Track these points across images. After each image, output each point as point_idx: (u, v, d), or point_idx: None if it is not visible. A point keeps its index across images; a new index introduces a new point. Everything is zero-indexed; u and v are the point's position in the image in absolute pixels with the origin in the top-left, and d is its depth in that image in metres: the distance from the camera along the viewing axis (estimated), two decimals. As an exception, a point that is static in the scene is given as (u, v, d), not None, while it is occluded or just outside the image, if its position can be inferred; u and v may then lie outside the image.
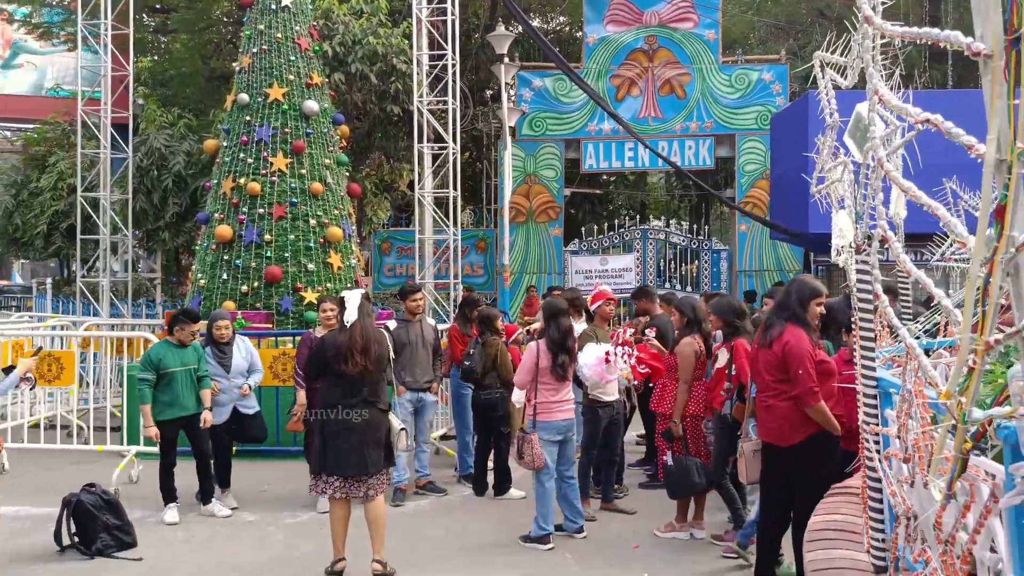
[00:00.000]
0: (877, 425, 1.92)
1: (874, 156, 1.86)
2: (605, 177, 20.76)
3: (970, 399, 1.17)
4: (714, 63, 15.80)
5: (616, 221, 17.10)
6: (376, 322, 5.13)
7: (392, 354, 5.10)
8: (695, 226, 16.81)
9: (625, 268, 16.04)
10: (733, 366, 5.04)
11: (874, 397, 1.94)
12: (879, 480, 1.95)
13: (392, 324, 6.48)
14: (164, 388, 5.86)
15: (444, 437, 8.34)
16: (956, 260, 3.10)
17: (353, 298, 4.82)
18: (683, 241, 16.31)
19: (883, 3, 1.72)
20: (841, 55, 2.00)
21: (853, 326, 2.58)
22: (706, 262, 16.24)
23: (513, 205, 15.12)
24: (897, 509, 1.70)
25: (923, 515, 1.50)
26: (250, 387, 6.27)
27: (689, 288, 15.46)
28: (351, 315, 4.72)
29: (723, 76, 15.80)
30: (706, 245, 16.27)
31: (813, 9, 19.43)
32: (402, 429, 4.86)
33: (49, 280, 14.86)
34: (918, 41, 1.37)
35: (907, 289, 4.05)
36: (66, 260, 16.82)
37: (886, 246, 2.33)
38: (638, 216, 18.49)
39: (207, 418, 5.99)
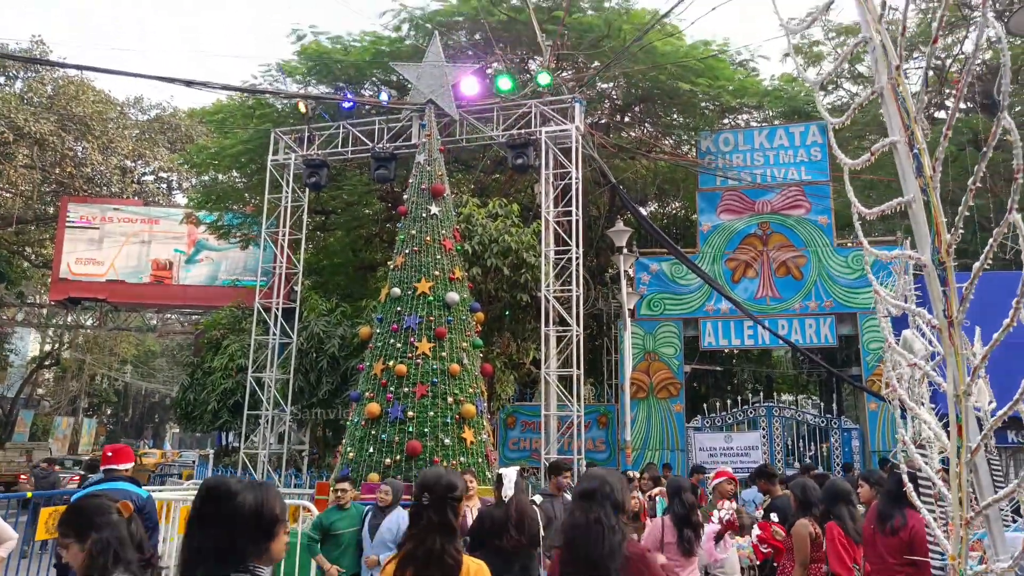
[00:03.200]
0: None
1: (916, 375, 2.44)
2: (727, 352, 21.02)
3: (964, 557, 1.66)
4: (829, 245, 16.32)
5: (740, 396, 17.17)
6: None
7: (542, 531, 5.32)
8: (824, 403, 16.65)
9: (751, 446, 15.90)
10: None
11: (942, 568, 2.38)
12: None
13: (539, 499, 6.95)
14: (331, 546, 6.63)
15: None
16: None
17: (510, 474, 5.22)
18: (811, 419, 16.08)
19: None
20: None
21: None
22: (837, 441, 15.85)
23: (634, 381, 15.65)
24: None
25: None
26: (378, 561, 6.40)
27: (820, 468, 15.06)
28: (508, 490, 5.11)
29: (840, 257, 16.24)
30: (835, 423, 15.95)
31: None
32: None
33: (211, 451, 16.48)
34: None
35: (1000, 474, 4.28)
36: (226, 432, 18.61)
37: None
38: (762, 392, 18.50)
39: (370, 561, 6.54)
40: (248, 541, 2.16)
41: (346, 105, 14.09)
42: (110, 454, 5.47)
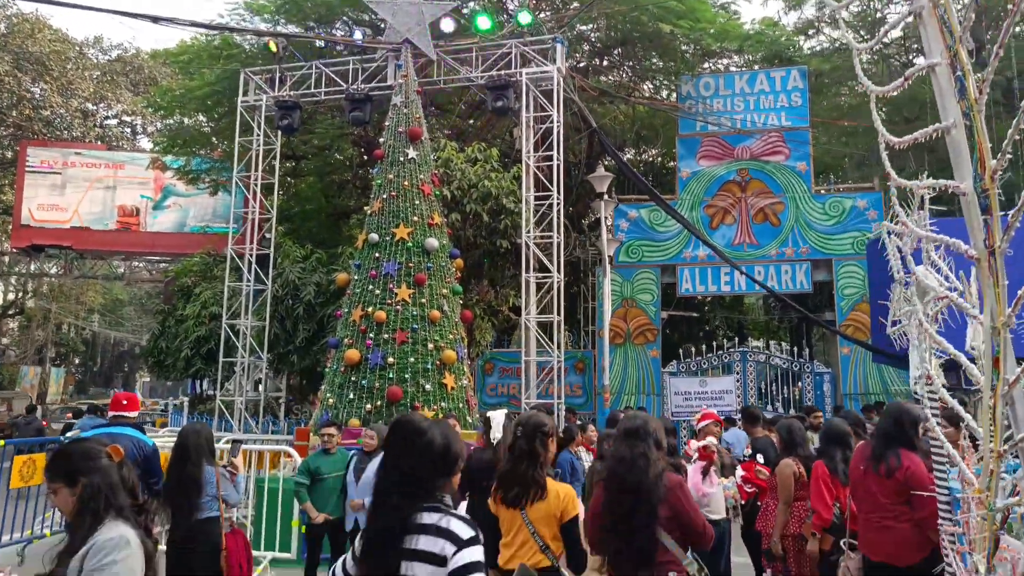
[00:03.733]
0: (953, 527, 2.34)
1: (931, 307, 2.39)
2: (701, 299, 21.17)
3: (994, 492, 1.64)
4: (807, 192, 16.35)
5: (714, 343, 17.35)
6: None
7: None
8: (796, 348, 16.86)
9: (725, 390, 16.12)
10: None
11: (948, 503, 2.38)
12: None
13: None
14: (316, 491, 6.61)
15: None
16: None
17: (498, 418, 5.24)
18: (784, 363, 16.31)
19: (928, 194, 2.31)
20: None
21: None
22: (809, 384, 16.14)
23: (611, 327, 15.71)
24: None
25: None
26: (363, 505, 6.40)
27: (792, 411, 15.35)
28: (496, 433, 5.13)
29: (816, 204, 16.30)
30: (808, 367, 16.21)
31: (904, 137, 19.84)
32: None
33: (185, 399, 16.33)
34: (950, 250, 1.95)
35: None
36: (200, 380, 18.43)
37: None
38: (736, 338, 18.70)
39: (355, 504, 6.56)
40: (437, 474, 2.34)
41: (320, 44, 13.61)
42: (124, 402, 5.52)
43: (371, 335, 10.10)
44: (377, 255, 10.49)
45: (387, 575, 2.23)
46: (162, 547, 5.12)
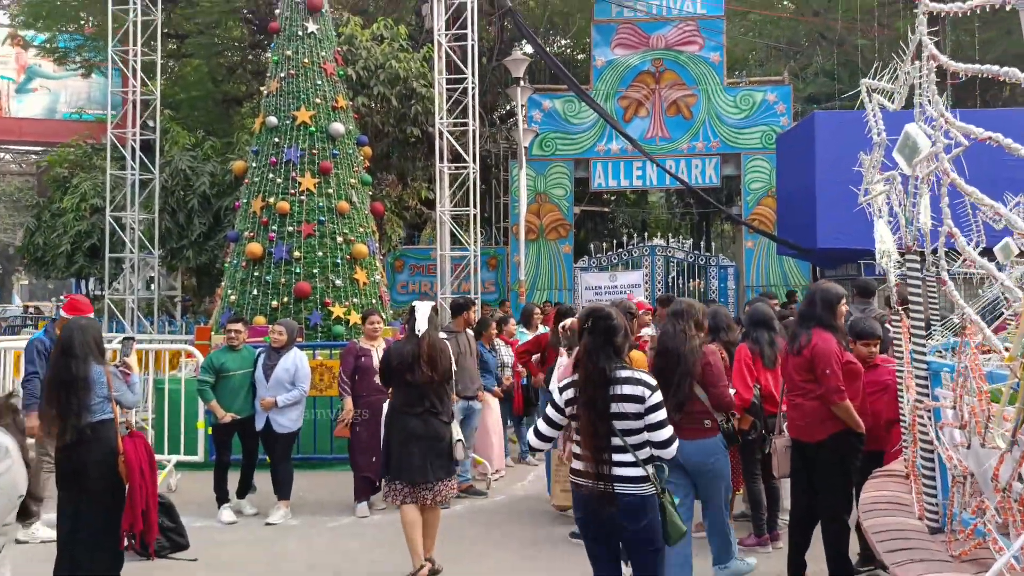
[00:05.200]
0: (928, 402, 2.21)
1: (923, 168, 2.17)
2: (606, 196, 21.17)
3: None
4: (719, 84, 16.25)
5: (616, 240, 17.44)
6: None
7: (454, 366, 5.15)
8: (697, 244, 17.15)
9: (634, 284, 16.32)
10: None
11: (925, 379, 2.24)
12: (931, 452, 2.24)
13: (443, 335, 6.76)
14: (222, 390, 6.18)
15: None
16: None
17: (423, 308, 4.96)
18: (691, 258, 16.62)
19: (933, 39, 2.04)
20: (889, 81, 2.31)
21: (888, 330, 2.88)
22: (713, 278, 16.55)
23: (525, 223, 15.48)
24: (953, 472, 1.99)
25: (980, 471, 1.79)
26: (276, 403, 6.25)
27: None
28: (421, 325, 4.86)
29: (728, 97, 16.25)
30: (714, 261, 16.58)
31: (813, 31, 19.92)
32: (458, 440, 4.94)
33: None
34: (978, 75, 1.68)
35: (934, 296, 4.35)
36: (85, 279, 17.13)
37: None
38: (636, 235, 18.85)
39: (266, 403, 6.24)
40: (624, 343, 3.33)
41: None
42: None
43: (274, 228, 9.43)
44: (277, 140, 9.68)
45: (601, 411, 3.18)
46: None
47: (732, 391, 5.47)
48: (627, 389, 3.19)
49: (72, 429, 4.51)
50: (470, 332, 7.21)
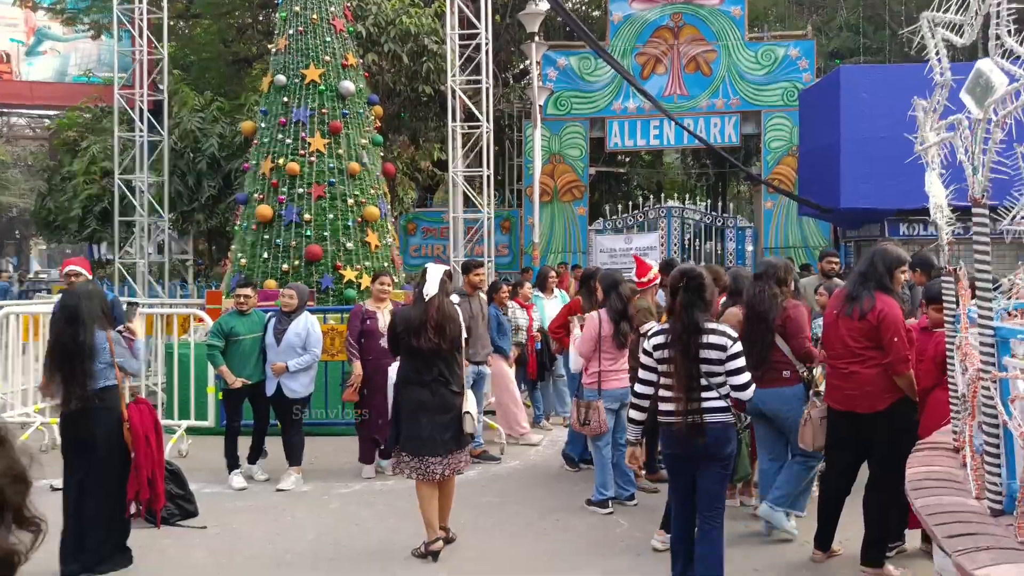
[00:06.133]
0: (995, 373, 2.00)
1: (996, 111, 1.92)
2: (621, 157, 20.75)
3: None
4: (740, 39, 15.73)
5: (631, 202, 17.09)
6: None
7: (465, 333, 4.90)
8: (714, 204, 16.75)
9: (650, 247, 16.01)
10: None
11: (992, 346, 2.02)
12: (996, 427, 2.02)
13: (456, 298, 6.57)
14: (232, 355, 6.05)
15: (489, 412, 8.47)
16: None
17: (435, 272, 4.70)
18: (708, 219, 16.24)
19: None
20: (956, 13, 2.05)
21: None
22: (731, 240, 16.20)
23: (538, 185, 15.18)
24: (1027, 450, 1.78)
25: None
26: (287, 367, 6.14)
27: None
28: (431, 289, 4.60)
29: (749, 52, 15.73)
30: (731, 223, 16.20)
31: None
32: (467, 413, 4.68)
33: (83, 263, 15.06)
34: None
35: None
36: (98, 243, 17.05)
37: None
38: (652, 197, 18.46)
39: (277, 368, 6.13)
40: (712, 298, 3.95)
41: None
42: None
43: (284, 189, 9.22)
44: (286, 100, 9.42)
45: (693, 356, 3.72)
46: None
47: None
48: (713, 339, 3.73)
49: (77, 398, 4.40)
50: (483, 295, 7.02)
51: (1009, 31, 1.78)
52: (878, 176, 10.25)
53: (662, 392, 3.85)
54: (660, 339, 3.88)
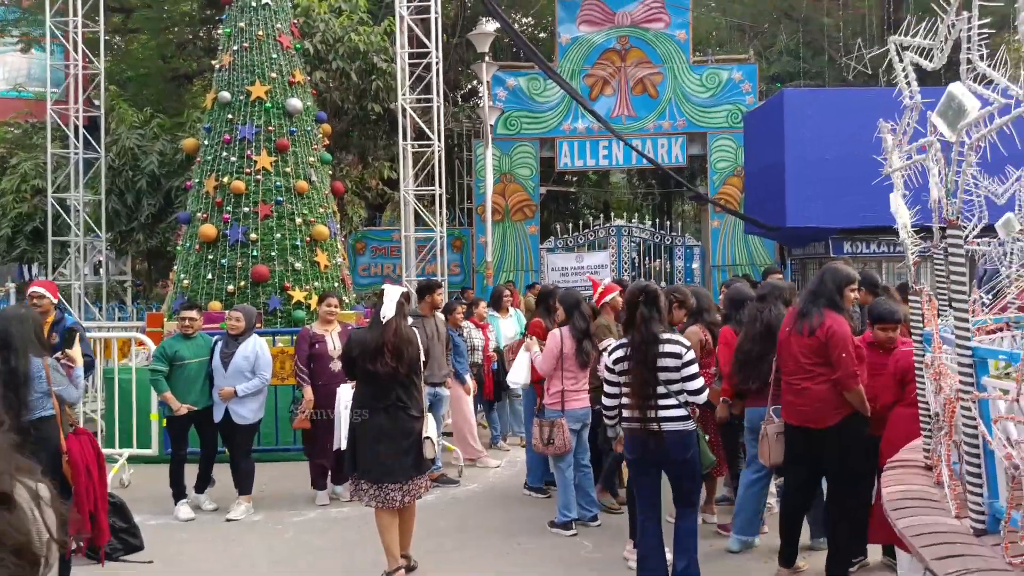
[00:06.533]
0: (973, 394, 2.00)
1: (969, 133, 1.94)
2: (568, 177, 20.88)
3: None
4: (685, 63, 16.04)
5: (580, 220, 17.16)
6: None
7: (424, 356, 4.73)
8: (660, 223, 16.94)
9: (600, 265, 16.13)
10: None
11: (970, 367, 2.02)
12: (976, 447, 2.03)
13: (409, 320, 6.44)
14: (177, 380, 5.81)
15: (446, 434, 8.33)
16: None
17: (392, 293, 4.56)
18: (657, 238, 16.43)
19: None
20: (925, 37, 2.07)
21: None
22: (679, 258, 16.41)
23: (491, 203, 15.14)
24: (1014, 473, 1.78)
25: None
26: (235, 392, 5.92)
27: (663, 283, 15.64)
28: (387, 311, 4.45)
29: (694, 76, 16.06)
30: (679, 241, 16.43)
31: (778, 9, 19.82)
32: (427, 438, 4.53)
33: (12, 285, 14.37)
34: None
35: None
36: (28, 264, 16.29)
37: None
38: (602, 215, 18.61)
39: (225, 393, 5.90)
40: (663, 312, 4.23)
41: None
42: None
43: (228, 208, 8.97)
44: (230, 117, 9.19)
45: (651, 365, 3.96)
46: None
47: (718, 377, 5.33)
48: (669, 347, 3.99)
49: (12, 428, 4.12)
50: (440, 316, 6.90)
51: (981, 56, 1.80)
52: (823, 196, 10.53)
53: (624, 400, 4.08)
54: (620, 352, 4.12)
